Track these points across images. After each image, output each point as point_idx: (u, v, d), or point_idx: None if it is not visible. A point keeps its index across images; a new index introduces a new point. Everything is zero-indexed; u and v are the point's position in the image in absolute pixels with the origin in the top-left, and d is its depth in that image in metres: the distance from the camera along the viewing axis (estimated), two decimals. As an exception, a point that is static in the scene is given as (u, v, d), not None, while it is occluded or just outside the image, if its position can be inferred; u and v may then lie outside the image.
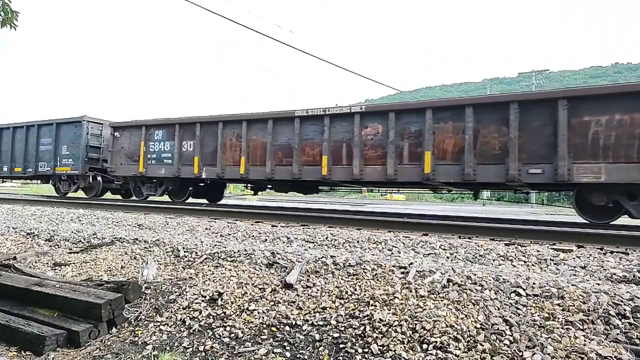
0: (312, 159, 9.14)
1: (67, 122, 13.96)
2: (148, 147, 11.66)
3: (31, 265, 4.51)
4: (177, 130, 11.12)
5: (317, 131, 9.12)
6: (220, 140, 10.39)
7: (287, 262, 3.75)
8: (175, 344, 2.84)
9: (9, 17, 4.61)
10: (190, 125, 11.01)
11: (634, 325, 2.47)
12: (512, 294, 2.88)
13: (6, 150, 15.41)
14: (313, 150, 9.15)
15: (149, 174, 11.65)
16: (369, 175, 8.53)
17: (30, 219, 7.42)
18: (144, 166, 11.66)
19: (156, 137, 11.64)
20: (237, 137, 10.19)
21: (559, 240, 5.09)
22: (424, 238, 5.16)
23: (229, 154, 10.31)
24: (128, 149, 12.12)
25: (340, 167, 8.86)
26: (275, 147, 9.58)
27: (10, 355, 2.91)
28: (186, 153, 11.00)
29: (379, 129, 8.46)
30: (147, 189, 12.17)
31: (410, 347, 2.45)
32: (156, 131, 11.65)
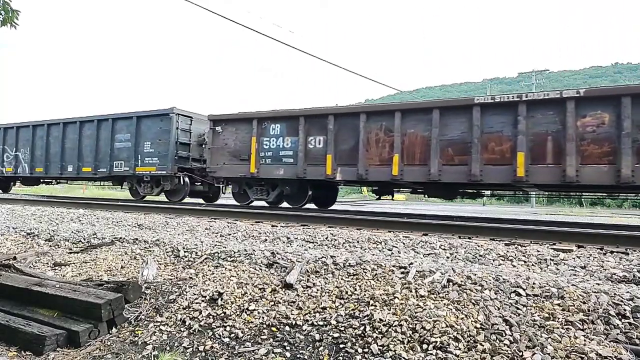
0: (499, 157, 7.42)
1: (151, 115, 12.20)
2: (261, 143, 9.95)
3: (31, 265, 4.51)
4: (301, 124, 9.39)
5: (505, 122, 7.42)
6: (362, 135, 8.69)
7: (287, 262, 3.75)
8: (175, 344, 2.84)
9: (9, 17, 4.61)
10: (321, 117, 9.29)
11: (634, 325, 2.47)
12: (512, 294, 2.88)
13: (71, 148, 13.69)
14: (500, 146, 7.45)
15: (261, 175, 9.98)
16: (587, 176, 6.79)
17: (30, 219, 7.43)
18: (256, 166, 9.94)
19: (272, 132, 9.87)
20: (387, 131, 8.49)
21: (559, 240, 5.09)
22: (424, 238, 5.16)
23: (374, 152, 8.61)
24: (234, 146, 10.39)
25: (542, 167, 7.08)
26: (443, 143, 7.91)
27: (10, 355, 2.91)
28: (314, 150, 9.31)
29: (605, 118, 6.78)
30: (256, 192, 10.52)
31: (410, 347, 2.45)
32: (272, 125, 9.89)
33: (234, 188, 11.12)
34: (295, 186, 9.96)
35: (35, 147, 14.63)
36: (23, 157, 14.99)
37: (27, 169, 14.78)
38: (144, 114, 12.37)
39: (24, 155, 14.93)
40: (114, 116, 12.93)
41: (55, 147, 14.09)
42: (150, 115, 12.24)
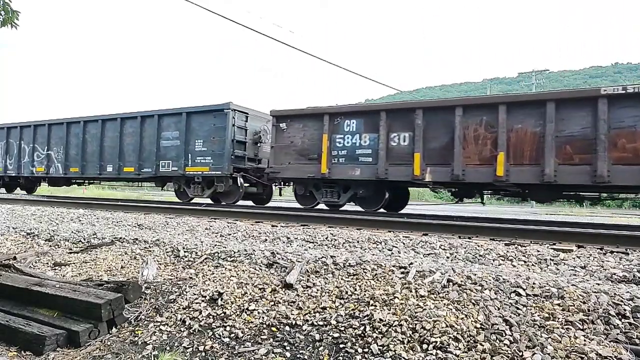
0: (632, 155, 6.59)
1: (203, 111, 11.23)
2: (334, 141, 9.16)
3: (31, 265, 4.52)
4: (382, 119, 8.56)
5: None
6: (458, 131, 7.80)
7: (287, 262, 3.75)
8: (175, 344, 2.84)
9: (10, 17, 4.61)
10: (406, 112, 8.48)
11: (634, 325, 2.47)
12: (512, 294, 2.88)
13: (111, 147, 12.71)
14: (634, 144, 6.59)
15: (334, 175, 9.18)
16: None
17: (30, 219, 7.43)
18: (328, 166, 9.15)
19: (347, 129, 9.06)
20: (488, 126, 7.63)
21: (559, 240, 5.09)
22: (424, 238, 5.15)
23: (473, 150, 7.74)
24: (301, 144, 9.61)
25: None
26: (560, 140, 7.05)
27: (10, 355, 2.91)
28: (397, 149, 8.47)
29: None
30: (325, 194, 9.62)
31: (410, 347, 2.45)
32: (347, 121, 9.05)
33: (298, 190, 10.24)
34: (371, 188, 9.15)
35: (69, 145, 13.75)
36: (56, 156, 14.10)
37: (61, 169, 13.89)
38: (195, 109, 11.39)
39: (57, 155, 14.05)
40: (160, 112, 11.86)
41: (92, 146, 13.19)
42: (203, 111, 11.23)
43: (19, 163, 14.96)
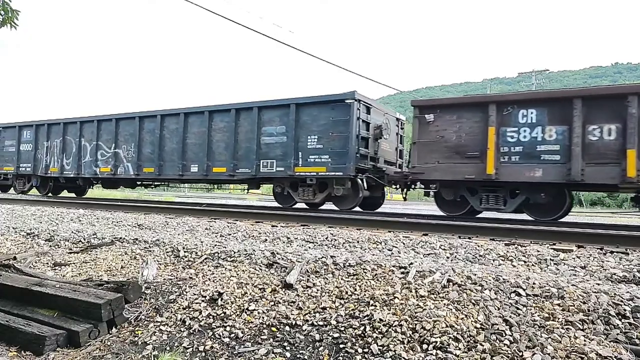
0: None
1: (318, 102, 9.70)
2: (503, 135, 7.70)
3: (31, 265, 4.51)
4: (577, 108, 7.09)
5: None
6: None
7: (287, 262, 3.75)
8: (175, 344, 2.84)
9: (9, 17, 4.60)
10: (613, 98, 7.05)
11: (634, 325, 2.48)
12: (512, 294, 2.88)
13: (197, 144, 11.25)
14: None
15: (503, 177, 7.70)
16: None
17: (30, 219, 7.42)
18: (495, 166, 7.69)
19: (523, 120, 7.55)
20: None
21: (559, 240, 5.09)
22: (424, 238, 5.15)
23: None
24: (456, 140, 8.14)
25: None
26: None
27: (10, 355, 2.91)
28: (599, 144, 7.04)
29: None
30: (487, 200, 8.08)
31: (410, 347, 2.45)
32: (522, 110, 7.57)
33: (446, 194, 8.60)
34: (552, 193, 7.62)
35: (143, 142, 12.29)
36: (126, 155, 12.66)
37: (132, 170, 12.50)
38: (308, 100, 9.84)
39: (127, 153, 12.64)
40: (261, 104, 10.34)
41: (172, 143, 11.69)
42: (318, 102, 9.67)
43: (79, 163, 13.58)
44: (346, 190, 9.50)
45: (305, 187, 9.94)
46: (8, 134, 15.88)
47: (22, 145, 15.41)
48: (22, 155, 15.35)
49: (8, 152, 15.82)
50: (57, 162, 14.32)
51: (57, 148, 14.28)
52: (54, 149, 14.44)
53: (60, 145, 14.17)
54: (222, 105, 11.09)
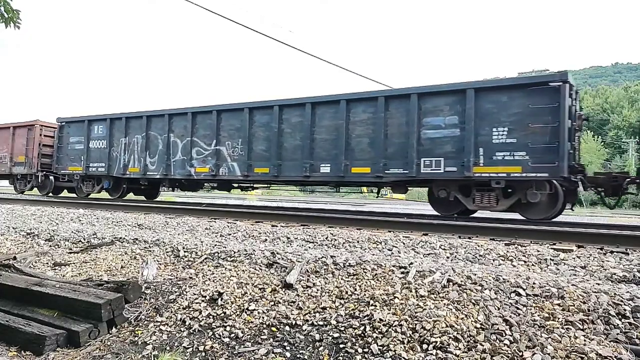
0: None
1: (508, 87, 7.93)
2: None
3: (31, 265, 4.51)
4: None
5: None
6: None
7: (287, 262, 3.75)
8: (175, 344, 2.84)
9: (11, 17, 4.60)
10: None
11: (634, 325, 2.48)
12: (512, 294, 2.88)
13: (327, 139, 9.44)
14: None
15: None
16: None
17: (30, 219, 7.42)
18: None
19: None
20: None
21: (559, 240, 5.09)
22: (424, 238, 5.15)
23: None
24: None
25: None
26: None
27: (10, 355, 2.91)
28: None
29: None
30: None
31: (410, 347, 2.45)
32: None
33: None
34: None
35: (254, 138, 10.32)
36: (230, 152, 10.61)
37: (238, 170, 10.46)
38: (492, 84, 8.30)
39: (233, 151, 10.63)
40: (422, 90, 8.57)
41: (294, 139, 9.80)
42: (507, 86, 7.97)
43: (168, 162, 11.48)
44: (544, 196, 7.74)
45: (485, 192, 8.10)
46: (74, 129, 13.55)
47: (92, 142, 13.15)
48: (92, 153, 13.11)
49: (74, 150, 13.46)
50: (138, 162, 12.12)
51: (139, 145, 12.13)
52: (133, 146, 12.25)
53: (143, 142, 11.98)
54: (364, 93, 9.31)
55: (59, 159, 13.84)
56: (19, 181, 15.47)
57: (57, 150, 13.91)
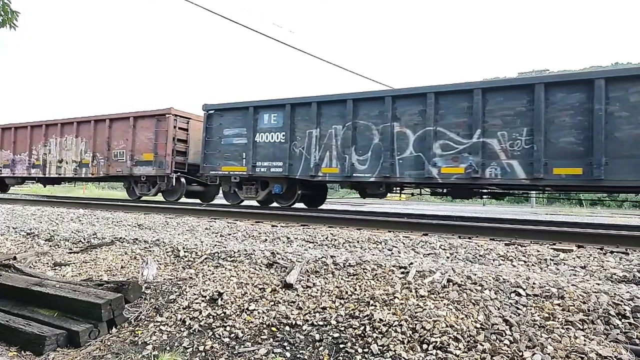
0: None
1: None
2: None
3: (31, 265, 4.51)
4: None
5: None
6: None
7: (287, 262, 3.75)
8: (175, 344, 2.84)
9: (9, 17, 4.60)
10: None
11: (634, 325, 2.48)
12: (512, 294, 2.88)
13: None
14: None
15: None
16: None
17: (30, 219, 7.43)
18: None
19: None
20: None
21: (559, 240, 5.09)
22: (424, 238, 5.16)
23: None
24: None
25: None
26: None
27: (10, 355, 2.91)
28: None
29: None
30: None
31: (410, 347, 2.45)
32: None
33: None
34: None
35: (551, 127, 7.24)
36: (506, 146, 7.62)
37: (521, 170, 7.53)
38: None
39: (511, 144, 7.67)
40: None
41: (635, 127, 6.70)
42: None
43: (390, 161, 8.56)
44: None
45: None
46: (230, 119, 10.55)
47: (260, 134, 10.08)
48: (260, 149, 10.06)
49: (232, 145, 10.46)
50: (337, 160, 9.18)
51: (338, 138, 9.22)
52: (330, 140, 9.29)
53: (346, 134, 9.01)
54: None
55: (207, 157, 10.69)
56: (140, 184, 12.22)
57: (205, 145, 10.69)
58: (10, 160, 14.85)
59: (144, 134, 11.88)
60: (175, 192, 11.94)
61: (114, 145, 12.46)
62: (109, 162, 12.46)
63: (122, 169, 12.21)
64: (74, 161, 13.26)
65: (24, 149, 14.48)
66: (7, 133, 15.09)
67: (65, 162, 13.49)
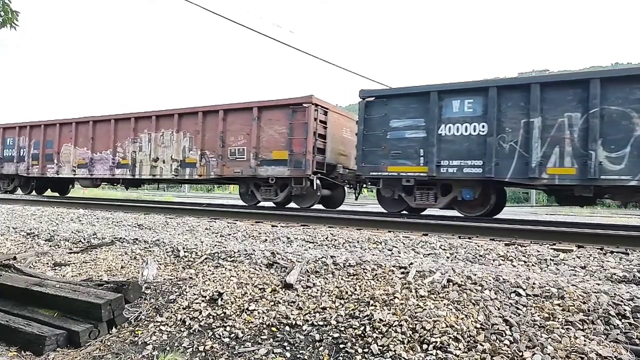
0: None
1: None
2: None
3: (31, 265, 4.51)
4: None
5: None
6: None
7: (287, 262, 3.75)
8: (175, 344, 2.84)
9: (9, 17, 4.60)
10: None
11: (634, 325, 2.48)
12: (512, 294, 2.88)
13: None
14: None
15: None
16: None
17: (30, 219, 7.42)
18: None
19: None
20: None
21: (559, 240, 5.09)
22: (424, 238, 5.16)
23: None
24: None
25: None
26: None
27: (10, 355, 2.91)
28: None
29: None
30: None
31: (410, 347, 2.45)
32: None
33: None
34: None
35: None
36: None
37: None
38: None
39: None
40: None
41: None
42: None
43: None
44: None
45: None
46: (400, 107, 8.61)
47: (446, 126, 8.10)
48: (446, 144, 8.09)
49: (404, 140, 8.51)
50: (573, 158, 7.13)
51: (573, 130, 7.14)
52: (559, 132, 7.20)
53: (588, 124, 6.96)
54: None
55: (366, 155, 8.82)
56: (265, 188, 10.23)
57: (363, 140, 8.83)
58: (87, 160, 12.88)
59: (274, 127, 9.80)
60: (310, 197, 9.96)
61: (230, 141, 10.35)
62: (224, 161, 10.41)
63: (242, 170, 10.16)
64: (174, 160, 11.17)
65: (106, 146, 12.51)
66: (83, 128, 13.07)
67: (162, 161, 11.40)
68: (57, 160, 13.77)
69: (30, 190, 15.55)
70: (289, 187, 9.78)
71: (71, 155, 13.39)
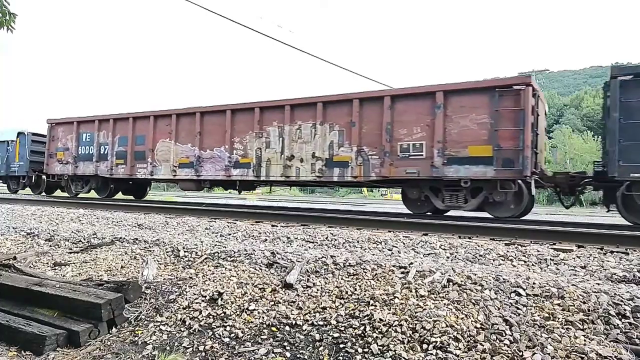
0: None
1: None
2: None
3: (31, 265, 4.51)
4: None
5: None
6: None
7: (287, 262, 3.75)
8: (176, 343, 2.84)
9: (7, 20, 4.57)
10: None
11: (634, 325, 2.48)
12: (512, 293, 2.88)
13: None
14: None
15: None
16: None
17: (30, 219, 7.42)
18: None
19: None
20: None
21: (559, 240, 5.09)
22: (424, 238, 5.15)
23: None
24: None
25: None
26: None
27: (11, 355, 2.91)
28: None
29: None
30: None
31: (410, 347, 2.45)
32: None
33: None
34: None
35: None
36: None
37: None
38: None
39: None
40: None
41: None
42: None
43: None
44: None
45: None
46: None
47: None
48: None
49: None
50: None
51: None
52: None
53: None
54: None
55: (626, 151, 6.85)
56: (449, 193, 8.24)
57: (619, 131, 6.94)
58: (194, 158, 10.78)
59: (468, 116, 7.83)
60: (513, 205, 7.90)
61: (402, 135, 8.37)
62: (391, 159, 8.44)
63: (419, 170, 8.20)
64: (317, 158, 9.22)
65: (218, 141, 10.47)
66: (186, 121, 10.96)
67: (300, 159, 9.44)
68: (152, 159, 11.51)
69: (108, 193, 13.18)
70: (485, 191, 7.90)
71: (171, 153, 11.17)
